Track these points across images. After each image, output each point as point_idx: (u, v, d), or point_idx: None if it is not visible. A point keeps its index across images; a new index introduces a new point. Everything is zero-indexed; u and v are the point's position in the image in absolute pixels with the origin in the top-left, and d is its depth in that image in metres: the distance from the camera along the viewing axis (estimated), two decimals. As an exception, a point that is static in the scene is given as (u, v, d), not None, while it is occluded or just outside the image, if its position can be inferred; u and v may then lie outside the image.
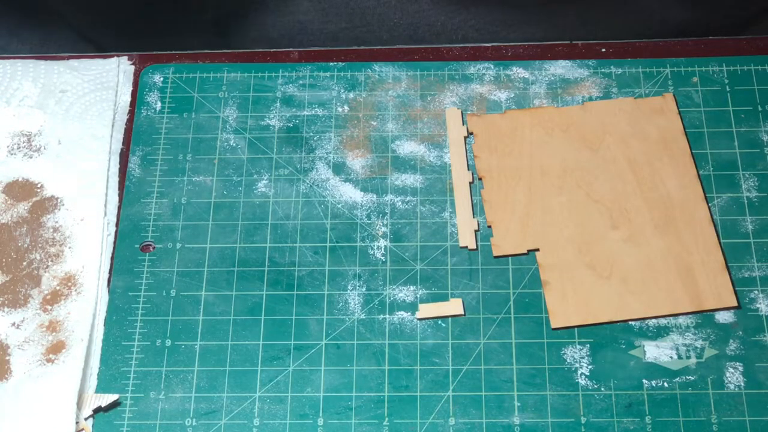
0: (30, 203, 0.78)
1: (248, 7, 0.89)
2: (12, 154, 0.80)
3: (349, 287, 0.75)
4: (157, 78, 0.83)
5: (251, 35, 0.91)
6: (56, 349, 0.72)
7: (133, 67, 0.84)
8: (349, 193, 0.78)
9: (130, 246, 0.76)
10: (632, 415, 0.70)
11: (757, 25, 0.93)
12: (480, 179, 0.78)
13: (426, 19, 0.89)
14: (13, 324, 0.74)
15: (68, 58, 0.85)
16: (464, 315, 0.73)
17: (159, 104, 0.82)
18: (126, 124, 0.82)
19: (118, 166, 0.80)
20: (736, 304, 0.73)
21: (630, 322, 0.73)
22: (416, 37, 0.91)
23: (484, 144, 0.79)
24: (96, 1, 0.94)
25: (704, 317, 0.73)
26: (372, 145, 0.80)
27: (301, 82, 0.83)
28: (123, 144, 0.81)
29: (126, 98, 0.83)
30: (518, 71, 0.82)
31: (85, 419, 0.70)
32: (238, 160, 0.80)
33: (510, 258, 0.75)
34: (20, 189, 0.79)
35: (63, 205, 0.78)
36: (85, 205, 0.78)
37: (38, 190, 0.79)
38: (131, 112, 0.82)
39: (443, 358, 0.72)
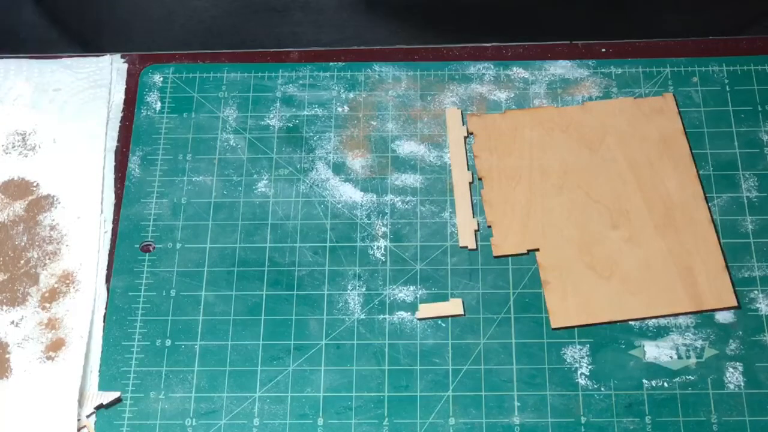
0: (26, 202, 0.78)
1: (241, 18, 0.90)
2: (7, 153, 0.80)
3: (349, 287, 0.75)
4: (157, 78, 0.83)
5: (246, 45, 0.92)
6: (56, 346, 0.72)
7: (126, 65, 0.84)
8: (349, 193, 0.78)
9: (130, 246, 0.76)
10: (632, 415, 0.70)
11: (757, 26, 0.94)
12: (480, 179, 0.78)
13: (422, 39, 0.89)
14: (12, 322, 0.73)
15: (61, 57, 0.85)
16: (464, 315, 0.73)
17: (159, 104, 0.82)
18: (121, 122, 0.82)
19: (113, 163, 0.80)
20: (736, 304, 0.73)
21: (630, 322, 0.73)
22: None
23: (484, 144, 0.79)
24: (96, 1, 0.94)
25: (704, 317, 0.73)
26: (372, 145, 0.80)
27: (301, 82, 0.83)
28: (119, 142, 0.81)
29: (120, 96, 0.83)
30: (518, 71, 0.82)
31: (87, 416, 0.70)
32: (238, 160, 0.79)
33: (510, 258, 0.75)
34: (16, 188, 0.79)
35: (59, 203, 0.78)
36: (81, 203, 0.78)
37: (34, 189, 0.79)
38: (126, 110, 0.82)
39: (443, 358, 0.72)
